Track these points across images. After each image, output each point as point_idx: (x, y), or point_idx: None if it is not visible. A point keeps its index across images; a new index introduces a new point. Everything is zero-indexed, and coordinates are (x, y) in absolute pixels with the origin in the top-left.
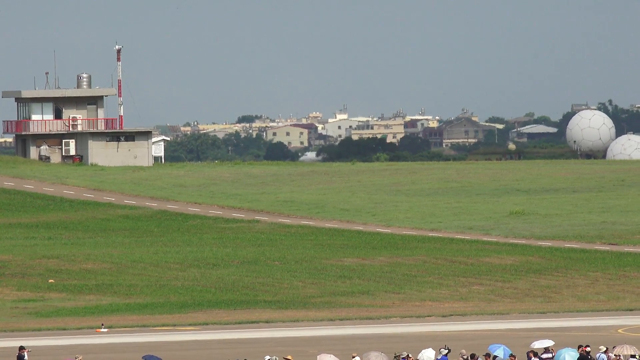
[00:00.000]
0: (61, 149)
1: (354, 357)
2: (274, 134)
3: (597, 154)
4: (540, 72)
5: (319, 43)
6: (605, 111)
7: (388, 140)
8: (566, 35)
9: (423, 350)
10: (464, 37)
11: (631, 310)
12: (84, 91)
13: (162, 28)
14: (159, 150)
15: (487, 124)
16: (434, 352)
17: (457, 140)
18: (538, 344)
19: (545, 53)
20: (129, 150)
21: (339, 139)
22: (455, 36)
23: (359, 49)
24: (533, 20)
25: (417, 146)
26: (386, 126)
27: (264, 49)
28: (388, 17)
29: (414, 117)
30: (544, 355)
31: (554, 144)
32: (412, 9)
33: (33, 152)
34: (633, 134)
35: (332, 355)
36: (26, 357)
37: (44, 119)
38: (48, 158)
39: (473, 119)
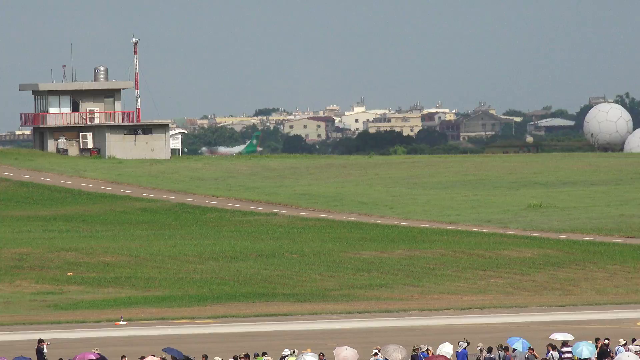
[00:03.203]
0: (79, 141)
1: (375, 353)
2: (291, 127)
3: (614, 147)
4: (557, 65)
5: (336, 36)
6: (623, 104)
7: (405, 134)
8: (584, 27)
9: (441, 345)
10: (482, 30)
11: None
12: (101, 84)
13: (179, 21)
14: (176, 143)
15: (504, 117)
16: (452, 345)
17: (474, 134)
18: (558, 336)
19: (562, 46)
20: (147, 143)
21: (357, 132)
22: (473, 29)
23: (377, 41)
24: (551, 13)
25: (435, 139)
26: (403, 119)
27: (282, 41)
28: (405, 9)
29: (431, 110)
30: (563, 349)
31: (572, 137)
32: (430, 1)
33: (51, 145)
34: None
35: (349, 348)
36: (45, 349)
37: (62, 112)
38: (66, 151)
39: (490, 112)
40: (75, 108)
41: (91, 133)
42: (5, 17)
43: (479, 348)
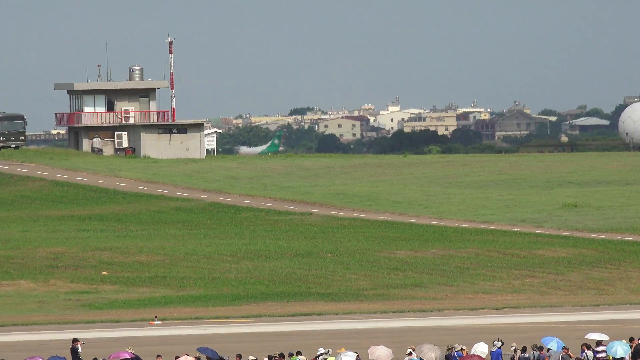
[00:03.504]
0: (114, 141)
1: (409, 352)
2: (326, 126)
3: None
4: (592, 64)
5: (372, 35)
6: None
7: (440, 133)
8: (620, 27)
9: (475, 345)
10: (517, 29)
11: None
12: (136, 83)
13: (214, 20)
14: (211, 142)
15: (539, 116)
16: (486, 345)
17: (509, 133)
18: (593, 335)
19: (598, 45)
20: (182, 142)
21: (391, 131)
22: (508, 28)
23: (412, 41)
24: (587, 12)
25: (469, 138)
26: (438, 118)
27: (317, 41)
28: (441, 8)
29: (466, 110)
30: (598, 348)
31: (606, 136)
32: (466, 0)
33: (85, 144)
34: None
35: (384, 347)
36: (80, 349)
37: (97, 111)
38: (101, 150)
39: (525, 111)
40: (110, 107)
41: (126, 132)
42: (41, 17)
43: (513, 348)
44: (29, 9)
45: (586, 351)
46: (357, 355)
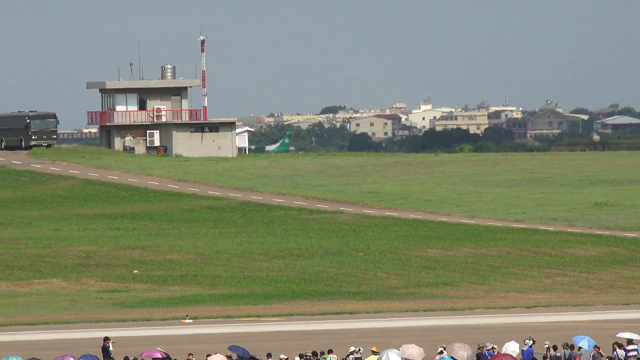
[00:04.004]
0: (145, 139)
1: (440, 351)
2: (358, 124)
3: None
4: (625, 63)
5: (403, 33)
6: None
7: (472, 131)
8: None
9: (507, 344)
10: (549, 28)
11: None
12: (168, 82)
13: (246, 19)
14: (243, 141)
15: (571, 115)
16: (518, 344)
17: (540, 131)
18: (625, 334)
19: (631, 43)
20: (213, 141)
21: (423, 130)
22: (539, 27)
23: (443, 39)
24: (619, 10)
25: (501, 137)
26: (470, 117)
27: (348, 39)
28: (472, 7)
29: (497, 108)
30: (629, 347)
31: (638, 134)
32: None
33: (117, 143)
34: None
35: (415, 346)
36: (111, 347)
37: (128, 109)
38: (132, 149)
39: (557, 110)
40: (142, 106)
41: (158, 131)
42: (73, 15)
43: (546, 346)
44: (61, 8)
45: (617, 350)
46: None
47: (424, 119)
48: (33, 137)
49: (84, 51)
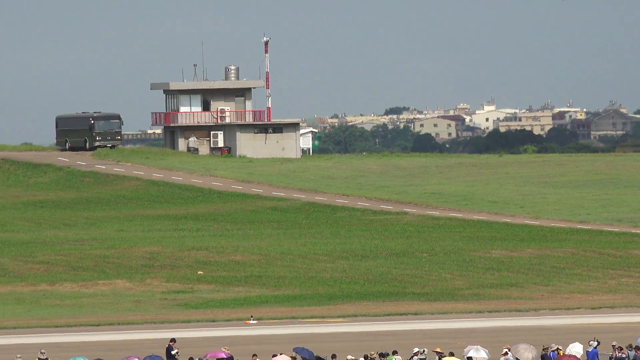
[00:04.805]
0: (209, 140)
1: (505, 352)
2: (422, 125)
3: None
4: None
5: (467, 34)
6: None
7: (536, 132)
8: None
9: (571, 345)
10: (612, 29)
11: None
12: (232, 83)
13: (310, 19)
14: (307, 142)
15: (635, 115)
16: (582, 345)
17: (605, 132)
18: None
19: None
20: (277, 142)
21: (487, 130)
22: (603, 28)
23: (508, 40)
24: None
25: (565, 138)
26: (534, 118)
27: (412, 40)
28: (537, 8)
29: (561, 109)
30: None
31: None
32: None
33: (181, 143)
34: None
35: (480, 347)
36: (175, 350)
37: (192, 110)
38: (196, 150)
39: (621, 110)
40: (206, 107)
41: (222, 132)
42: (138, 17)
43: (614, 345)
44: (125, 9)
45: None
46: (451, 354)
47: (487, 119)
48: (97, 138)
49: (148, 52)
